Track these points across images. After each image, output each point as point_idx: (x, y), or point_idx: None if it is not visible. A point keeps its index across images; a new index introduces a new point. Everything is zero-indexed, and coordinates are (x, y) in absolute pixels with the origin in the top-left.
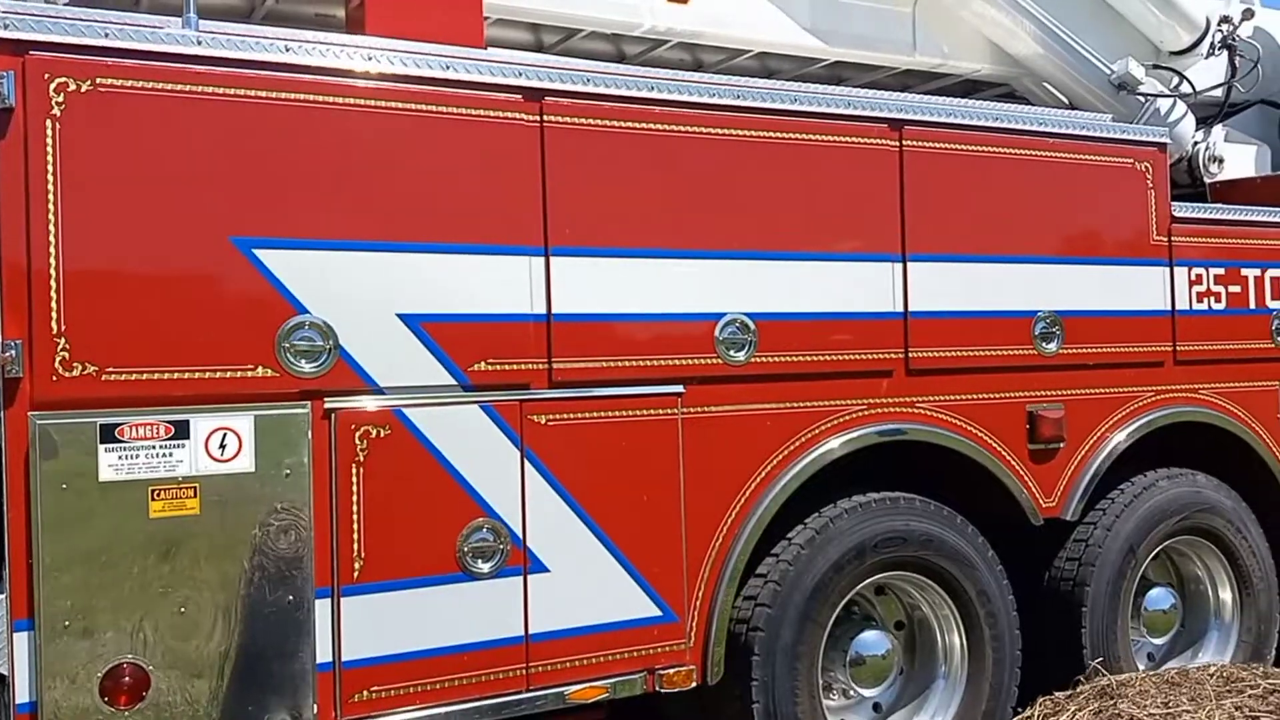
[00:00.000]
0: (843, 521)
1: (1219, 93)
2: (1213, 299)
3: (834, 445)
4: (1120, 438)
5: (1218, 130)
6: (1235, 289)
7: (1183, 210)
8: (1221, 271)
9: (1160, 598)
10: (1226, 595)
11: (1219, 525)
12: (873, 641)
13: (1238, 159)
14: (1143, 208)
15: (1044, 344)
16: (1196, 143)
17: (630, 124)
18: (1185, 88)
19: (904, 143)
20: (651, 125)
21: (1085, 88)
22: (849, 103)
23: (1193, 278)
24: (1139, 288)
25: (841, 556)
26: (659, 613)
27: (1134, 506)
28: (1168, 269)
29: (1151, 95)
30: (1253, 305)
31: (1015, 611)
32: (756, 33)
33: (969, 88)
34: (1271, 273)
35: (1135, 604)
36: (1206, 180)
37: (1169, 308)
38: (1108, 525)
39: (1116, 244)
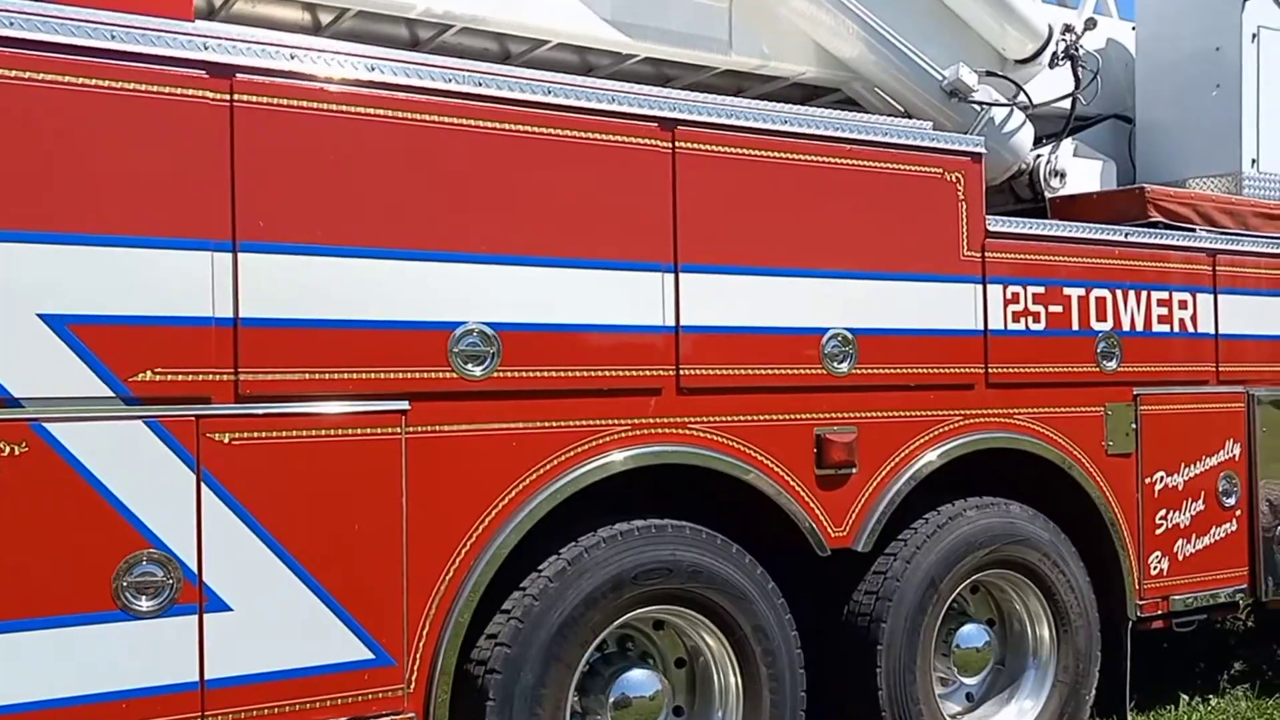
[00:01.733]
0: (599, 551)
1: (1066, 104)
2: (1030, 319)
3: (587, 469)
4: (921, 464)
5: (1067, 145)
6: (1056, 309)
7: (999, 225)
8: (1041, 290)
9: (973, 635)
10: (1044, 632)
11: (1033, 559)
12: (639, 682)
13: (1084, 173)
14: (952, 221)
15: (835, 363)
16: (1038, 156)
17: (334, 107)
18: (1039, 96)
19: (677, 144)
20: (365, 110)
21: (917, 94)
22: (614, 98)
23: (1008, 296)
24: (947, 306)
25: (595, 590)
26: (371, 655)
27: (938, 538)
28: (980, 286)
29: (986, 104)
30: (1075, 326)
31: (799, 649)
32: (552, 21)
33: (808, 93)
34: (1096, 293)
35: (945, 641)
36: (1047, 195)
37: (980, 327)
38: (907, 557)
39: (922, 259)
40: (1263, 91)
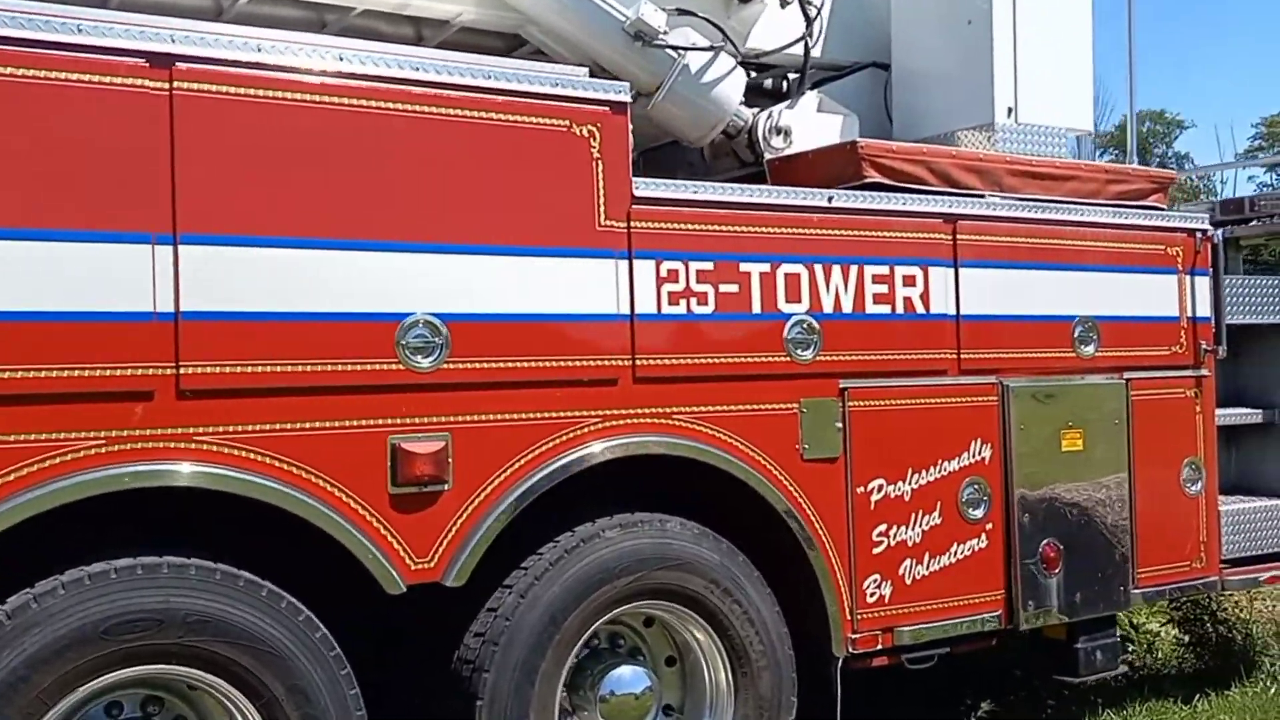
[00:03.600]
0: (53, 600)
1: (798, 51)
2: (694, 301)
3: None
4: (540, 478)
5: (809, 98)
6: (730, 288)
7: (650, 189)
8: (708, 266)
9: (628, 679)
10: (719, 674)
11: (696, 587)
12: None
13: (825, 131)
14: (585, 184)
15: (416, 357)
16: (759, 111)
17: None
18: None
19: (175, 85)
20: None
21: (596, 38)
22: (82, 28)
23: (663, 274)
24: (578, 286)
25: (42, 652)
26: None
27: (564, 565)
28: (624, 262)
29: (680, 49)
30: (758, 309)
31: (361, 711)
32: None
33: (513, 43)
34: (787, 268)
35: (593, 689)
36: (766, 156)
37: (625, 311)
38: (523, 591)
39: (543, 230)
40: (1021, 31)
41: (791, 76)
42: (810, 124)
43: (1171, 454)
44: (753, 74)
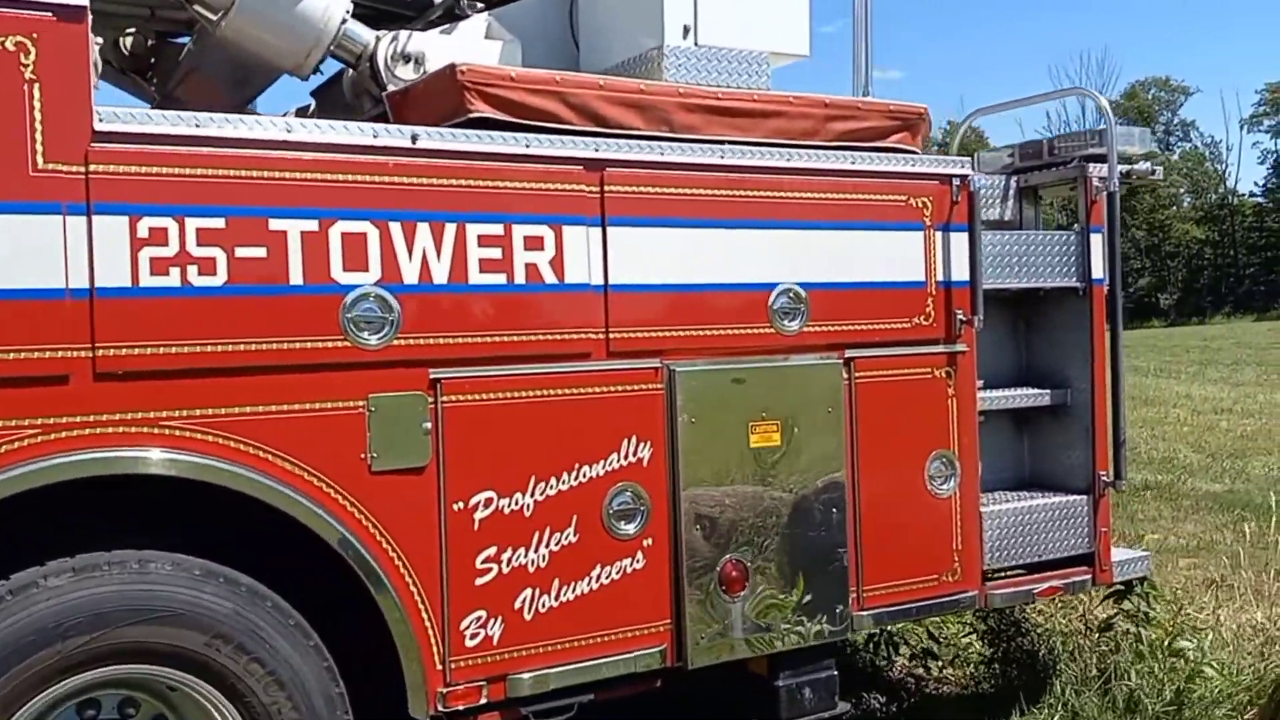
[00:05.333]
0: None
1: None
2: (197, 269)
3: None
4: None
5: (477, 22)
6: (254, 252)
7: (122, 122)
8: (219, 224)
9: None
10: None
11: (193, 644)
12: None
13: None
14: (14, 115)
15: None
16: (382, 34)
17: None
18: None
19: None
20: None
21: None
22: None
23: (143, 234)
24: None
25: None
26: None
27: None
28: (79, 219)
29: None
30: (298, 280)
31: None
32: None
33: None
34: (345, 227)
35: None
36: (389, 89)
37: (82, 285)
38: None
39: None
40: None
41: None
42: (454, 51)
43: (913, 447)
44: None
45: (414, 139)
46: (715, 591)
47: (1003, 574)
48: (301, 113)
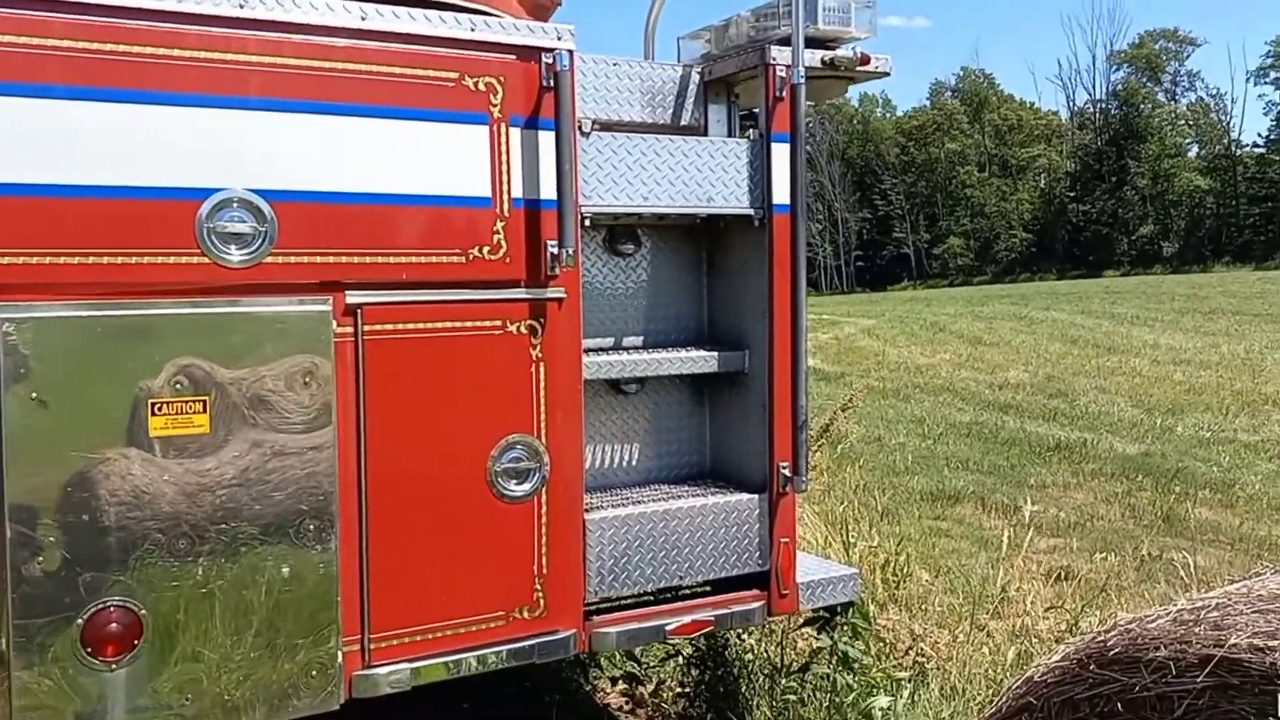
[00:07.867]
0: None
1: None
2: None
3: None
4: None
5: None
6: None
7: None
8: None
9: None
10: None
11: None
12: None
13: None
14: None
15: None
16: None
17: None
18: None
19: None
20: None
21: None
22: None
23: None
24: None
25: None
26: None
27: None
28: None
29: None
30: None
31: None
32: None
33: None
34: None
35: None
36: None
37: None
38: None
39: None
40: None
41: None
42: None
43: (468, 433)
44: None
45: None
46: (74, 654)
47: (626, 603)
48: None
